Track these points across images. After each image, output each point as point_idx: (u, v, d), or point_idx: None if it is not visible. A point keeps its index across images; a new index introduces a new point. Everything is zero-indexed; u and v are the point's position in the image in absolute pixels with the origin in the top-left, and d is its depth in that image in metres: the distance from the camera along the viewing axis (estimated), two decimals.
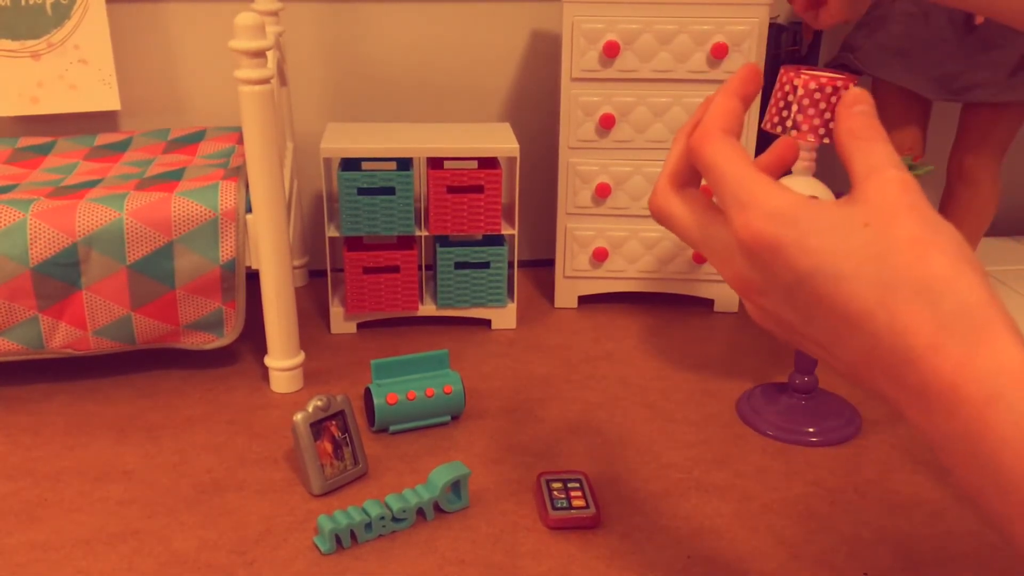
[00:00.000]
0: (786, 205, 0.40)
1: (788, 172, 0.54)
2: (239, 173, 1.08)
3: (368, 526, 0.83)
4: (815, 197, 0.42)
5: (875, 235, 0.38)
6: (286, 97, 1.34)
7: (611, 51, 1.19)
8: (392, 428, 1.01)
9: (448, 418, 1.03)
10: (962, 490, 0.48)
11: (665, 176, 0.47)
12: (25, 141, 1.28)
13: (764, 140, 1.33)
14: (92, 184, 1.10)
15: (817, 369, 1.06)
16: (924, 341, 0.37)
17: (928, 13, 1.29)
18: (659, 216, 0.47)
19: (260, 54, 0.95)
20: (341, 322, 1.26)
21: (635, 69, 1.21)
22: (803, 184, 1.01)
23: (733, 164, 0.42)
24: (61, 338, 1.03)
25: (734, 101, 0.46)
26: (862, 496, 0.91)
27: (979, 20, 1.26)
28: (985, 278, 0.38)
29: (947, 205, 1.47)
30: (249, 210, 1.04)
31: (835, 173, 1.32)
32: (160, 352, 1.17)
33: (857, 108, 0.44)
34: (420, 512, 0.86)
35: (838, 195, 1.04)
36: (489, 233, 1.23)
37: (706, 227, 0.45)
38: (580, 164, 1.26)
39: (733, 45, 1.19)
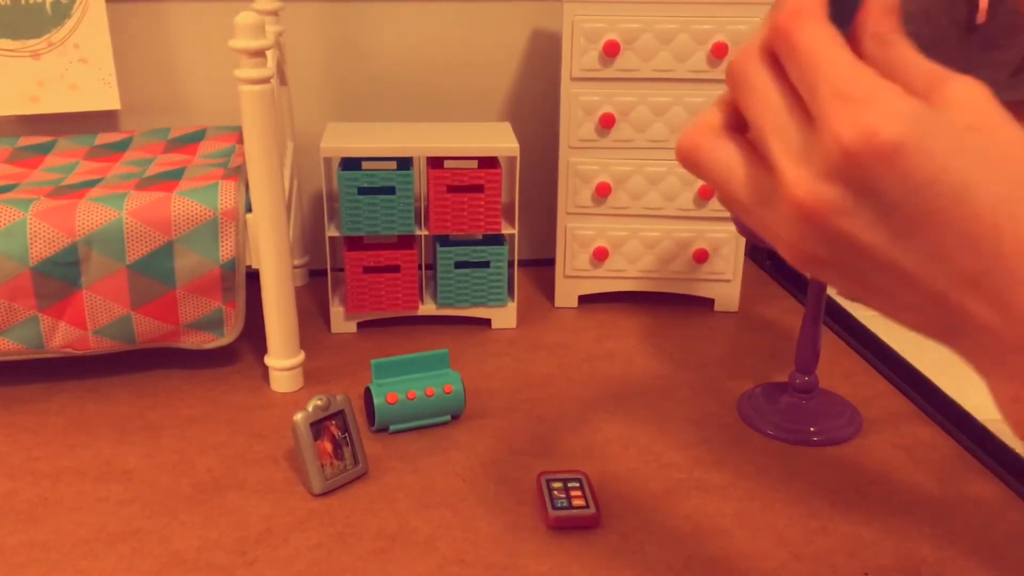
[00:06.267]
0: (909, 105, 0.34)
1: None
2: (239, 173, 1.08)
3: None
4: None
5: (989, 139, 0.33)
6: (286, 97, 1.34)
7: (611, 50, 1.19)
8: (392, 428, 1.01)
9: (448, 418, 1.03)
10: None
11: (712, 113, 0.39)
12: (25, 140, 1.28)
13: None
14: (92, 183, 1.10)
15: (818, 369, 1.07)
16: None
17: (928, 12, 1.29)
18: (694, 157, 0.39)
19: (260, 53, 0.95)
20: (341, 322, 1.26)
21: (635, 68, 1.21)
22: None
23: (840, 50, 0.34)
24: (61, 338, 1.03)
25: None
26: (862, 496, 0.91)
27: (980, 20, 1.25)
28: None
29: None
30: (249, 210, 1.04)
31: None
32: (160, 352, 1.17)
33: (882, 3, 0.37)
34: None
35: None
36: (489, 233, 1.23)
37: (753, 169, 0.38)
38: (580, 163, 1.26)
39: (734, 44, 1.19)
